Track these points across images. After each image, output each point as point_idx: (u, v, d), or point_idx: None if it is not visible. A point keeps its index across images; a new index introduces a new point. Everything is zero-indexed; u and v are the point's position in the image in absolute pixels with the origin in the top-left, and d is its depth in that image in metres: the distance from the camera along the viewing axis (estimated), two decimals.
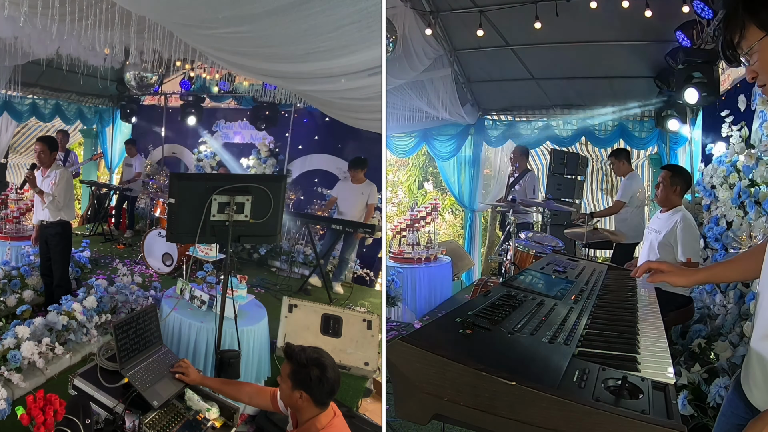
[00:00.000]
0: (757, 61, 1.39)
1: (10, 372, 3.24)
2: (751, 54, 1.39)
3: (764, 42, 1.35)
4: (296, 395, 2.11)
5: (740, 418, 1.50)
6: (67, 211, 4.50)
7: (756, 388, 1.42)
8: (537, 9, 5.10)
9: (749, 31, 1.37)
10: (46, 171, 4.50)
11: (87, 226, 7.30)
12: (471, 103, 7.25)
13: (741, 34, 1.39)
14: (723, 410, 1.65)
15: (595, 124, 6.93)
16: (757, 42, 1.36)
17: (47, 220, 4.45)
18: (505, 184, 7.25)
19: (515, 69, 6.52)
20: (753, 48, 1.37)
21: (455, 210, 9.93)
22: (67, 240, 4.58)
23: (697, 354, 3.29)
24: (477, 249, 8.08)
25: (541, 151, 8.04)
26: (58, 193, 4.39)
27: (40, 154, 4.47)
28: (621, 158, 5.70)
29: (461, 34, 6.14)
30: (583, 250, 5.42)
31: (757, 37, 1.36)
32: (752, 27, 1.36)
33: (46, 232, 4.50)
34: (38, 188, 4.40)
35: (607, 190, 8.04)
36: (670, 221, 3.58)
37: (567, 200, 6.79)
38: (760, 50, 1.37)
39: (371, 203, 5.80)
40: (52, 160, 4.53)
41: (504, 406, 1.15)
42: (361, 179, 5.76)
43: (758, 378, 1.40)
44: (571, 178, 6.90)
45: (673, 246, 3.52)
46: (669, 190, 3.64)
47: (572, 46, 5.93)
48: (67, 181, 4.52)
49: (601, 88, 6.57)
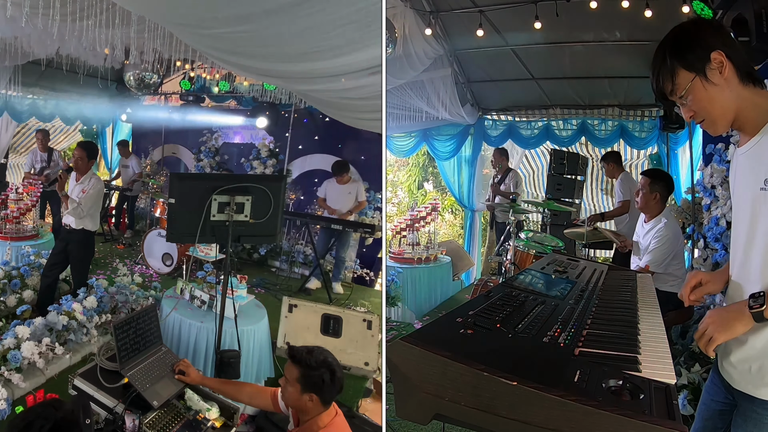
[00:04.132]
0: (692, 101, 1.50)
1: (10, 372, 3.24)
2: (686, 96, 1.50)
3: (695, 82, 1.48)
4: (306, 398, 2.10)
5: (720, 403, 1.65)
6: (90, 221, 4.40)
7: (732, 368, 1.55)
8: (537, 9, 5.10)
9: (680, 75, 1.50)
10: (80, 177, 4.41)
11: None
12: (471, 103, 7.25)
13: (673, 80, 1.51)
14: (702, 399, 1.75)
15: (595, 124, 6.94)
16: (689, 83, 1.48)
17: (71, 226, 4.37)
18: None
19: (515, 69, 6.52)
20: (687, 90, 1.49)
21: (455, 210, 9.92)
22: (88, 249, 4.51)
23: (697, 354, 3.28)
24: (477, 249, 8.08)
25: (541, 151, 8.04)
26: (84, 201, 4.28)
27: (77, 160, 4.37)
28: (610, 161, 5.74)
29: (461, 34, 6.14)
30: (583, 250, 5.42)
31: (689, 78, 1.49)
32: (682, 71, 1.49)
33: (68, 237, 4.42)
34: (65, 192, 4.31)
35: (607, 190, 8.04)
36: (651, 231, 3.52)
37: (567, 200, 6.79)
38: (692, 91, 1.49)
39: (361, 200, 5.89)
40: (89, 168, 4.42)
41: (505, 406, 1.14)
42: (346, 180, 5.81)
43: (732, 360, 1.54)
44: (571, 178, 6.90)
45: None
46: (648, 197, 3.53)
47: (572, 46, 5.94)
48: (98, 193, 4.41)
49: (601, 88, 6.58)
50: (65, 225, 4.42)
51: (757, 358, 1.47)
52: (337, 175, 5.79)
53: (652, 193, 3.54)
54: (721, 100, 1.48)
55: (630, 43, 5.67)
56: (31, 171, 6.46)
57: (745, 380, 1.51)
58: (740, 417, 1.54)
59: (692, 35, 1.51)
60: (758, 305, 1.38)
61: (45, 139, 6.54)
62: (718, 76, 1.46)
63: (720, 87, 1.47)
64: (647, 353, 1.41)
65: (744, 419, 1.52)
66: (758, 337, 1.45)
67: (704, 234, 4.20)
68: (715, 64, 1.46)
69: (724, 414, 1.64)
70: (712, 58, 1.46)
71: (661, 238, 3.42)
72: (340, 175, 5.78)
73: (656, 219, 3.54)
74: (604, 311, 1.82)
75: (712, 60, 1.46)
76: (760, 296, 1.39)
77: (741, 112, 1.49)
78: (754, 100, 1.48)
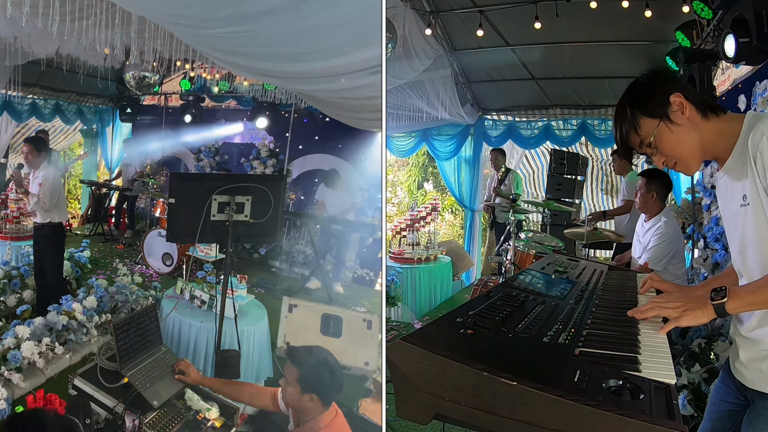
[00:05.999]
0: (661, 146, 1.55)
1: (10, 372, 3.24)
2: (654, 143, 1.55)
3: (661, 127, 1.53)
4: (306, 398, 2.09)
5: (729, 404, 1.70)
6: (57, 213, 4.36)
7: (743, 368, 1.60)
8: (537, 9, 5.10)
9: (644, 125, 1.55)
10: (36, 172, 4.39)
11: (87, 226, 7.30)
12: (471, 103, 7.25)
13: (637, 131, 1.56)
14: (711, 399, 1.81)
15: (595, 124, 6.94)
16: (655, 129, 1.53)
17: (38, 222, 4.35)
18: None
19: (515, 69, 6.52)
20: (654, 137, 1.54)
21: (455, 210, 9.92)
22: (57, 242, 4.45)
23: (697, 354, 3.28)
24: (477, 249, 8.08)
25: (541, 151, 8.04)
26: (43, 194, 4.25)
27: (27, 155, 4.35)
28: (623, 157, 5.70)
29: (461, 34, 6.14)
30: (583, 250, 5.42)
31: (654, 125, 1.54)
32: (645, 120, 1.55)
33: (37, 234, 4.41)
34: (23, 188, 4.31)
35: (607, 190, 8.05)
36: (651, 230, 3.54)
37: (567, 200, 6.79)
38: (660, 136, 1.54)
39: (356, 201, 5.99)
40: (41, 161, 4.38)
41: (505, 406, 1.14)
42: (341, 187, 5.92)
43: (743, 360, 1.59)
44: (571, 178, 6.90)
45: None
46: (646, 197, 3.56)
47: (572, 46, 5.94)
48: (53, 182, 4.35)
49: (601, 88, 6.58)
50: (34, 223, 4.40)
51: (766, 357, 1.53)
52: (329, 187, 5.93)
53: (649, 192, 3.56)
54: (688, 140, 1.54)
55: (630, 43, 5.68)
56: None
57: (758, 378, 1.55)
58: (753, 414, 1.59)
59: (649, 86, 1.59)
60: (720, 297, 1.46)
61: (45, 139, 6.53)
62: (681, 117, 1.53)
63: (685, 127, 1.53)
64: (647, 353, 1.41)
65: (757, 416, 1.57)
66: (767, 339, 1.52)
67: (704, 234, 4.20)
68: (676, 106, 1.53)
69: (733, 414, 1.68)
70: (671, 101, 1.53)
71: (661, 236, 3.45)
72: (334, 185, 5.91)
73: (656, 218, 3.56)
74: (604, 311, 1.82)
75: (672, 103, 1.53)
76: (722, 290, 1.47)
77: (710, 144, 1.55)
78: (719, 128, 1.54)
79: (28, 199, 4.30)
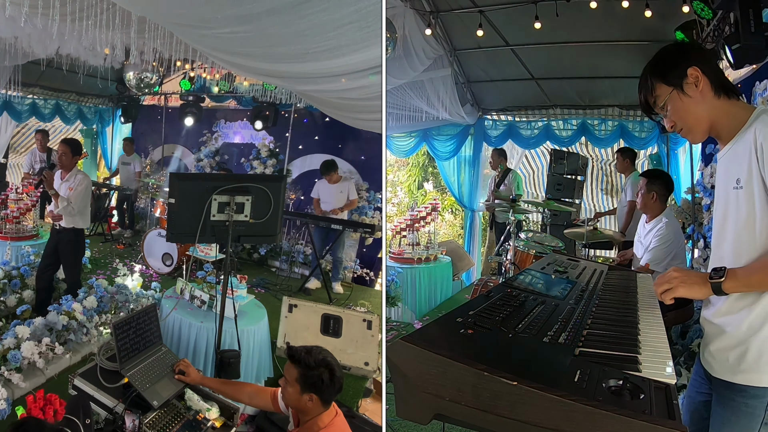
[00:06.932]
0: (671, 111, 1.69)
1: (10, 372, 3.24)
2: (665, 107, 1.70)
3: (673, 95, 1.67)
4: (306, 398, 2.10)
5: (704, 395, 1.77)
6: (81, 218, 4.36)
7: (711, 358, 1.68)
8: (537, 9, 5.10)
9: (659, 89, 1.70)
10: (66, 174, 4.37)
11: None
12: (471, 103, 7.25)
13: (653, 93, 1.72)
14: (687, 392, 1.88)
15: (595, 124, 6.94)
16: (667, 95, 1.68)
17: (61, 225, 4.31)
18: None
19: (515, 69, 6.52)
20: (666, 102, 1.68)
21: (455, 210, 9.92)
22: (79, 248, 4.46)
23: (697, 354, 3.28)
24: (477, 249, 8.08)
25: (541, 151, 8.04)
26: (74, 198, 4.25)
27: (61, 156, 4.32)
28: (626, 157, 5.71)
29: (461, 34, 6.14)
30: (583, 250, 5.42)
31: (667, 92, 1.68)
32: (660, 85, 1.69)
33: (58, 237, 4.36)
34: (54, 190, 4.26)
35: (607, 190, 8.05)
36: (652, 231, 3.54)
37: (567, 200, 6.79)
38: (671, 102, 1.68)
39: (353, 198, 5.91)
40: (74, 164, 4.38)
41: (505, 406, 1.14)
42: (336, 179, 5.82)
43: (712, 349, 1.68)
44: (571, 178, 6.90)
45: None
46: (647, 197, 3.57)
47: (572, 46, 5.93)
48: (86, 188, 4.36)
49: (601, 88, 6.58)
50: (55, 225, 4.37)
51: (734, 347, 1.59)
52: (326, 174, 5.82)
53: (649, 193, 3.57)
54: (696, 111, 1.66)
55: (630, 43, 5.67)
56: (30, 171, 6.46)
57: (723, 368, 1.62)
58: (719, 405, 1.65)
59: (673, 54, 1.71)
60: (718, 277, 1.55)
61: (44, 140, 6.53)
62: (694, 89, 1.64)
63: (695, 99, 1.65)
64: (647, 353, 1.41)
65: (723, 407, 1.63)
66: (736, 328, 1.59)
67: (704, 234, 4.21)
68: (691, 78, 1.64)
69: (708, 405, 1.74)
70: (688, 74, 1.64)
71: (662, 237, 3.45)
72: (329, 175, 5.80)
73: (657, 219, 3.56)
74: (604, 311, 1.82)
75: (689, 75, 1.64)
76: (721, 270, 1.56)
77: (717, 121, 1.65)
78: (728, 109, 1.64)
79: (57, 203, 4.23)
